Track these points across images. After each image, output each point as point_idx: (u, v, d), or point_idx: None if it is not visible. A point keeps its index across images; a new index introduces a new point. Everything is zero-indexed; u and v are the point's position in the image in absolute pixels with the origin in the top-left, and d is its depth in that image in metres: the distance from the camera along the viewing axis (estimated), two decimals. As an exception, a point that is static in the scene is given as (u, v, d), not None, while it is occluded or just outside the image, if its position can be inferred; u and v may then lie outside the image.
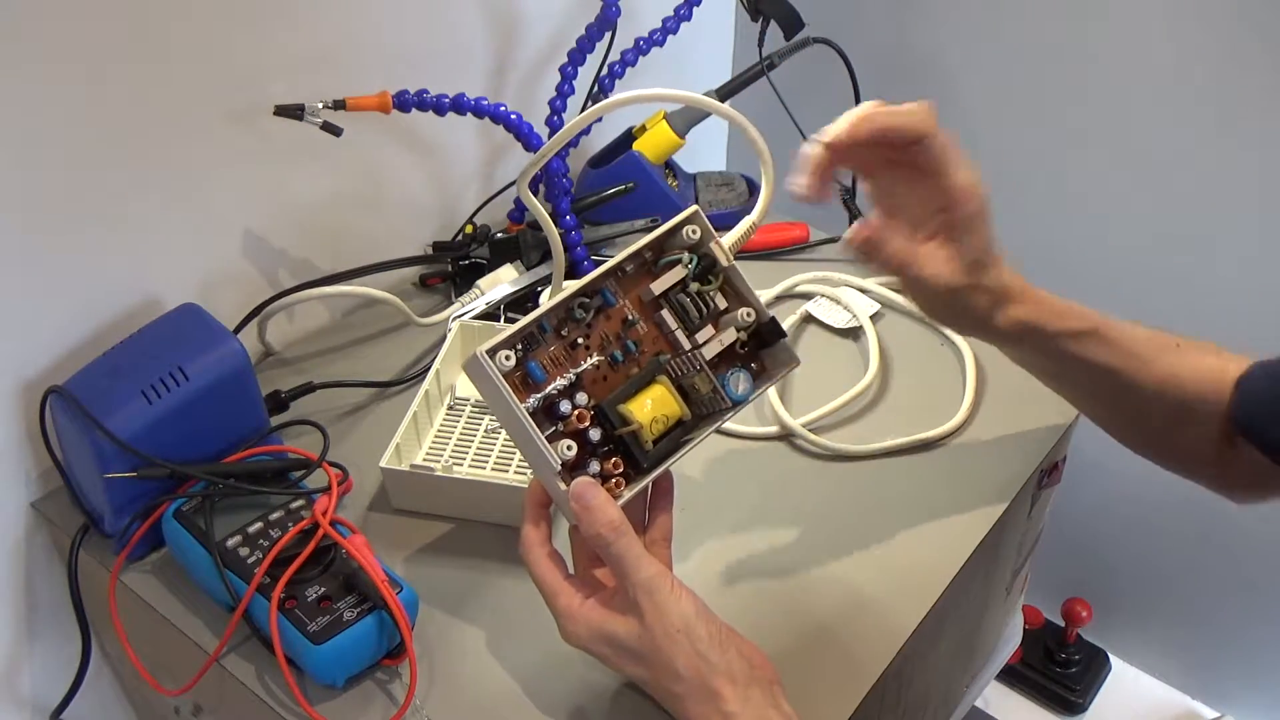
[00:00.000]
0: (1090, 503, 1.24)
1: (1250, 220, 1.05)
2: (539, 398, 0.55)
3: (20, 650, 0.78)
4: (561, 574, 0.56)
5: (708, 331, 0.58)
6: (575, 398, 0.56)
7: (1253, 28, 0.97)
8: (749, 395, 0.58)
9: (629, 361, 0.57)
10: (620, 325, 0.58)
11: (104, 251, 0.74)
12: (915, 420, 0.79)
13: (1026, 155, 1.17)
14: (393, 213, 0.96)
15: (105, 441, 0.63)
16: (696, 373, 0.57)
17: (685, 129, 1.01)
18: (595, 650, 0.55)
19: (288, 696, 0.59)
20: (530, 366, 0.55)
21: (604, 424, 0.56)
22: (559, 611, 0.56)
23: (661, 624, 0.52)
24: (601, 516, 0.53)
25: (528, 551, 0.57)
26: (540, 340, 0.56)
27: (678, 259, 0.58)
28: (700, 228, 0.58)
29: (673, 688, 0.53)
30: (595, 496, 0.53)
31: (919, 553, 0.69)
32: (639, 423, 0.55)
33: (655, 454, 0.56)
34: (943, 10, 1.15)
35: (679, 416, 0.57)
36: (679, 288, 0.58)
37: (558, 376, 0.55)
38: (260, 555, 0.62)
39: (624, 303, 0.58)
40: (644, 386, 0.56)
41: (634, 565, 0.53)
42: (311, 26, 0.82)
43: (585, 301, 0.56)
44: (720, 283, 0.59)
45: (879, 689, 0.62)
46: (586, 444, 0.56)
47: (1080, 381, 0.69)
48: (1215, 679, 1.35)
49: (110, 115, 0.71)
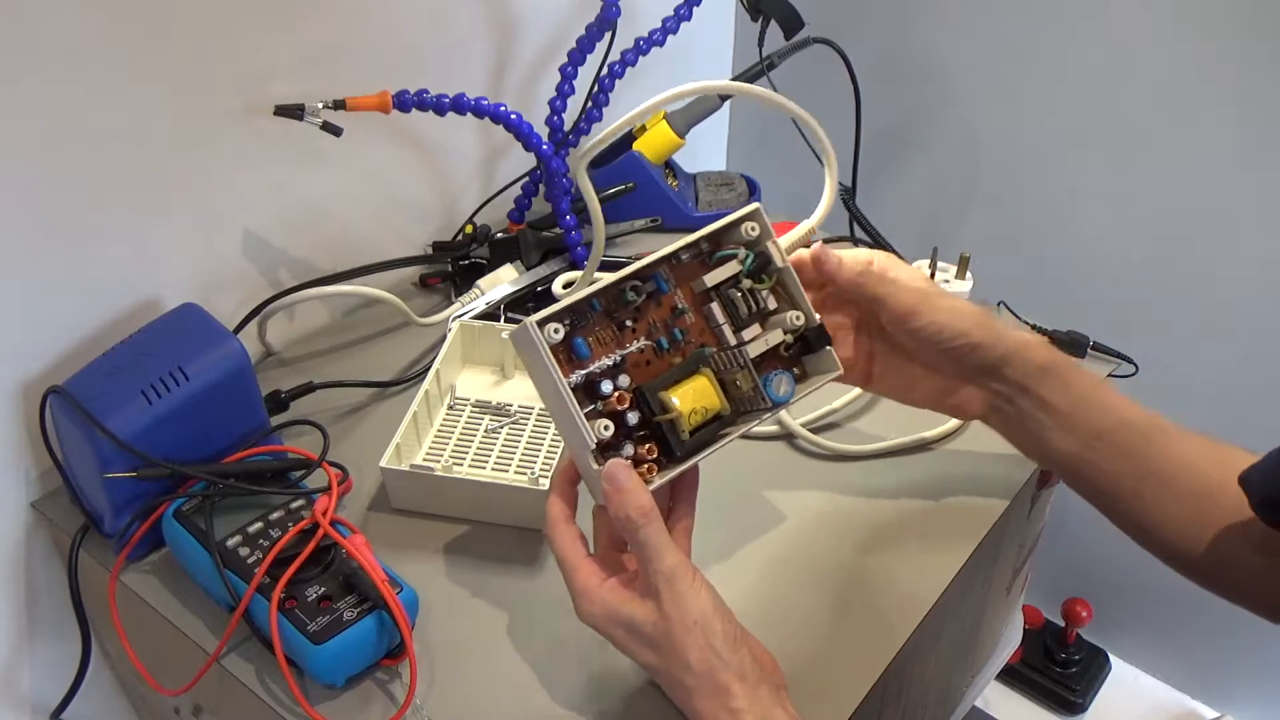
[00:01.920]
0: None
1: (1251, 220, 1.05)
2: (582, 374, 0.55)
3: (20, 650, 0.78)
4: (583, 551, 0.56)
5: (754, 330, 0.59)
6: (618, 379, 0.56)
7: (1253, 27, 0.97)
8: (789, 398, 0.58)
9: (674, 350, 0.58)
10: (669, 313, 0.58)
11: (104, 251, 0.74)
12: (915, 420, 0.79)
13: (1026, 155, 1.17)
14: (393, 213, 0.96)
15: (105, 441, 0.63)
16: (740, 369, 0.57)
17: (685, 129, 1.01)
18: (608, 632, 0.55)
19: (288, 696, 0.59)
20: (576, 342, 0.55)
21: (643, 408, 0.56)
22: (576, 589, 0.55)
23: (679, 614, 0.52)
24: (632, 500, 0.53)
25: (551, 526, 0.57)
26: (589, 318, 0.56)
27: (733, 254, 0.58)
28: (760, 225, 0.59)
29: (683, 679, 0.53)
30: (628, 479, 0.53)
31: (919, 553, 0.69)
32: (679, 411, 0.55)
33: (691, 444, 0.56)
34: (943, 10, 1.15)
35: (718, 410, 0.56)
36: (731, 282, 0.58)
37: (603, 356, 0.56)
38: (260, 555, 0.62)
39: (675, 291, 0.58)
40: (687, 376, 0.56)
41: (658, 552, 0.53)
42: (311, 26, 0.82)
43: (638, 285, 0.56)
44: (773, 283, 0.59)
45: (879, 689, 0.62)
46: (623, 426, 0.56)
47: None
48: (1215, 679, 1.35)
49: (110, 116, 0.71)
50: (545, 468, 0.72)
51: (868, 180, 1.05)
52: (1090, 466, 0.65)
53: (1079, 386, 0.64)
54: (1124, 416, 0.64)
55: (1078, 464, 0.65)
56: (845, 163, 1.05)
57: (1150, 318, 1.15)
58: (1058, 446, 0.65)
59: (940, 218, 1.27)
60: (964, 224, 1.25)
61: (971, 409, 0.66)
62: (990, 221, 1.23)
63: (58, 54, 0.67)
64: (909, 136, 1.24)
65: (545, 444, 0.76)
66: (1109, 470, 0.64)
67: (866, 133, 1.03)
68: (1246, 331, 1.10)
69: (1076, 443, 0.64)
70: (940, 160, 1.24)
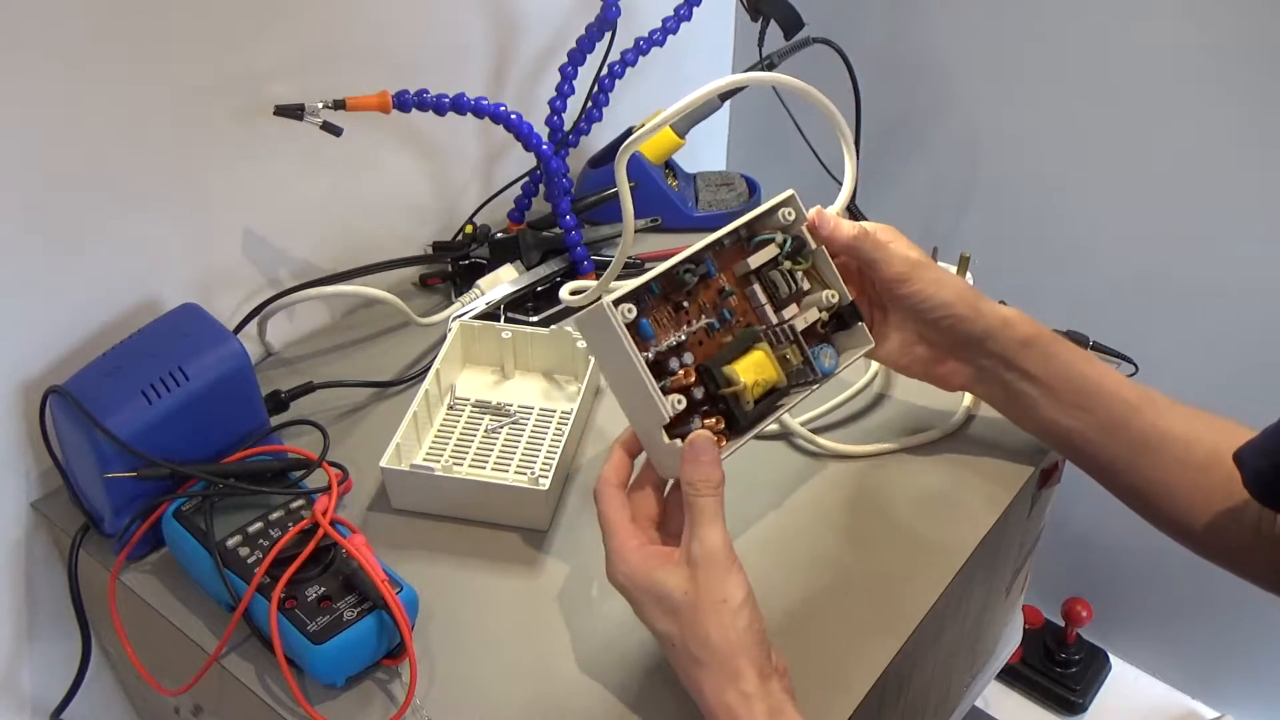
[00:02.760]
0: (1090, 503, 1.24)
1: (1251, 220, 1.05)
2: (651, 353, 0.58)
3: (20, 650, 0.78)
4: (626, 515, 0.58)
5: (792, 309, 0.63)
6: (683, 356, 0.59)
7: (1253, 27, 0.97)
8: (834, 369, 0.63)
9: (724, 330, 0.61)
10: (717, 295, 0.61)
11: (104, 251, 0.74)
12: (915, 420, 0.79)
13: (1026, 154, 1.17)
14: (393, 213, 0.96)
15: (105, 441, 0.63)
16: (789, 344, 0.62)
17: (685, 129, 1.01)
18: (633, 594, 0.56)
19: (288, 696, 0.59)
20: (642, 324, 0.58)
21: (708, 383, 0.59)
22: (613, 548, 0.57)
23: (710, 589, 0.53)
24: (706, 472, 0.55)
25: (603, 488, 0.58)
26: (647, 301, 0.59)
27: (770, 238, 0.62)
28: (795, 210, 0.63)
29: (698, 653, 0.53)
30: (709, 451, 0.56)
31: (919, 553, 0.69)
32: (744, 383, 0.59)
33: (754, 414, 0.60)
34: (942, 10, 1.15)
35: (775, 382, 0.60)
36: (770, 265, 0.62)
37: (665, 337, 0.59)
38: (260, 555, 0.62)
39: (721, 275, 0.62)
40: (744, 351, 0.60)
41: (713, 525, 0.55)
42: (311, 26, 0.82)
43: (692, 269, 0.60)
44: (809, 264, 0.64)
45: (879, 688, 0.62)
46: (692, 401, 0.59)
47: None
48: (1215, 679, 1.35)
49: (110, 115, 0.71)
50: (545, 467, 0.72)
51: (868, 180, 1.05)
52: (1079, 436, 0.67)
53: (1063, 359, 0.67)
54: (1112, 388, 0.66)
55: (1069, 434, 0.68)
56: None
57: (1150, 318, 1.16)
58: (1046, 416, 0.68)
59: (940, 218, 1.27)
60: (964, 224, 1.25)
61: (958, 380, 0.70)
62: (990, 221, 1.23)
63: (58, 54, 0.67)
64: (909, 136, 1.24)
65: (545, 444, 0.76)
66: (1101, 441, 0.67)
67: (866, 133, 1.03)
68: (1247, 332, 1.10)
69: (1065, 414, 0.67)
70: (940, 160, 1.24)
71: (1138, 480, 0.67)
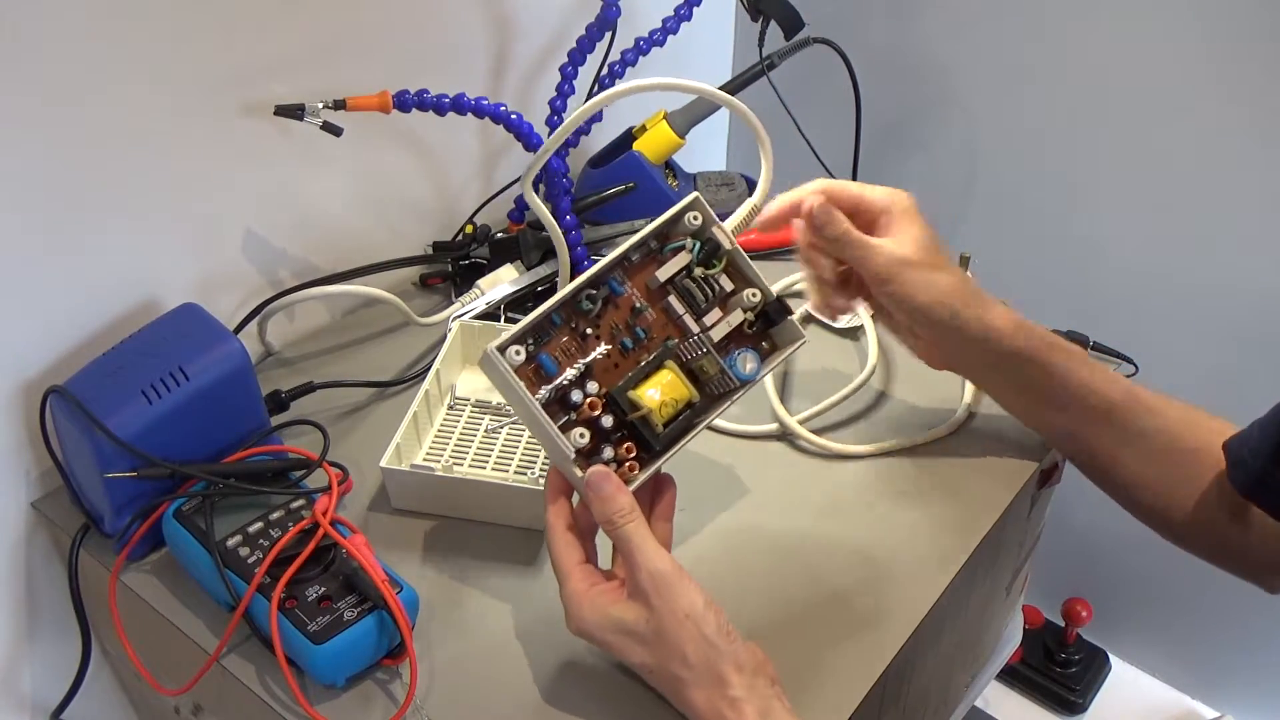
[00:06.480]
0: (1090, 503, 1.23)
1: (1251, 220, 1.05)
2: (550, 389, 0.56)
3: (20, 650, 0.78)
4: (576, 558, 0.57)
5: (715, 314, 0.60)
6: (586, 387, 0.58)
7: (1254, 27, 0.97)
8: (756, 374, 0.60)
9: (639, 348, 0.59)
10: (629, 313, 0.59)
11: (104, 251, 0.74)
12: (915, 420, 0.79)
13: (1026, 154, 1.17)
14: (393, 213, 0.96)
15: (105, 441, 0.63)
16: (704, 355, 0.59)
17: (685, 129, 1.01)
18: (600, 638, 0.56)
19: (288, 696, 0.59)
20: (542, 359, 0.56)
21: (616, 411, 0.58)
22: (566, 595, 0.56)
23: (669, 608, 0.53)
24: (613, 504, 0.55)
25: (547, 533, 0.58)
26: (551, 333, 0.58)
27: (681, 245, 0.60)
28: (701, 213, 0.60)
29: (679, 672, 0.53)
30: (607, 485, 0.56)
31: (919, 553, 0.69)
32: (648, 407, 0.57)
33: (667, 436, 0.58)
34: (942, 10, 1.15)
35: (688, 399, 0.58)
36: (684, 273, 0.60)
37: (569, 367, 0.57)
38: (260, 555, 0.62)
39: (631, 291, 0.59)
40: (653, 372, 0.58)
41: (642, 550, 0.54)
42: (311, 26, 0.82)
43: (592, 293, 0.58)
44: (724, 266, 0.61)
45: (879, 688, 0.62)
46: (599, 431, 0.57)
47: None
48: (1215, 679, 1.35)
49: (110, 115, 0.71)
50: (545, 467, 0.72)
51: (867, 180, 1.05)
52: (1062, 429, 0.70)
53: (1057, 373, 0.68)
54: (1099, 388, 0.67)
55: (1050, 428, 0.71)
56: (845, 163, 1.05)
57: (1150, 318, 1.15)
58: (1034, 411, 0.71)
59: (940, 218, 1.26)
60: (964, 224, 1.25)
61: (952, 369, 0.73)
62: (990, 221, 1.23)
63: (57, 54, 0.67)
64: (909, 136, 1.24)
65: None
66: (1087, 433, 0.68)
67: (866, 133, 1.03)
68: (1247, 332, 1.10)
69: (1053, 410, 0.69)
70: (940, 160, 1.24)
71: (1121, 471, 0.68)
